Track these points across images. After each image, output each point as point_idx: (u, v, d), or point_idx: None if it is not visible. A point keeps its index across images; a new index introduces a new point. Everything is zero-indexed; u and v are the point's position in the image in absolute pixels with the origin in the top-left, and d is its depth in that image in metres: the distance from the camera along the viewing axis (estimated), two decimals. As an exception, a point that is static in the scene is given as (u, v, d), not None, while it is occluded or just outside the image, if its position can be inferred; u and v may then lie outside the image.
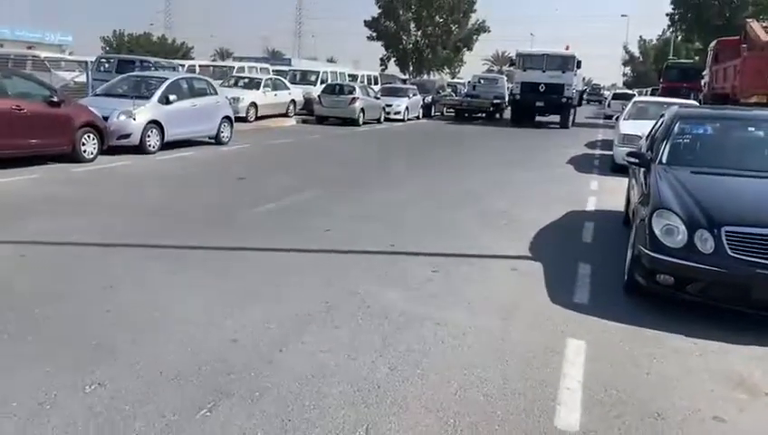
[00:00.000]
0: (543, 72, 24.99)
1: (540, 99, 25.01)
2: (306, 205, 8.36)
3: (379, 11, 48.99)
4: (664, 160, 5.93)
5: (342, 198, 8.94)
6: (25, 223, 6.75)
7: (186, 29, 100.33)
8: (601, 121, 30.72)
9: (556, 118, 25.88)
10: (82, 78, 18.45)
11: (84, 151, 10.76)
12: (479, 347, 4.09)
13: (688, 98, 21.52)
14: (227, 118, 14.78)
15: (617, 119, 16.50)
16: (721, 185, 5.35)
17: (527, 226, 7.49)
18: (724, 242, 4.49)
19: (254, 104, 20.43)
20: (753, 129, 6.47)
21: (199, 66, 26.77)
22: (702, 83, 23.48)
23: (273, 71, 28.26)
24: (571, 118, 26.09)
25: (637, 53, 79.33)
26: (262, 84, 21.59)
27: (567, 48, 26.49)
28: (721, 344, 4.27)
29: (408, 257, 6.11)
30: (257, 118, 20.51)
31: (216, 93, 14.79)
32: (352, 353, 3.89)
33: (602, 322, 4.59)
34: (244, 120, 19.15)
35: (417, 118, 27.41)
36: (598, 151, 17.00)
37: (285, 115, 22.51)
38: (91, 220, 7.02)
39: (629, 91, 41.13)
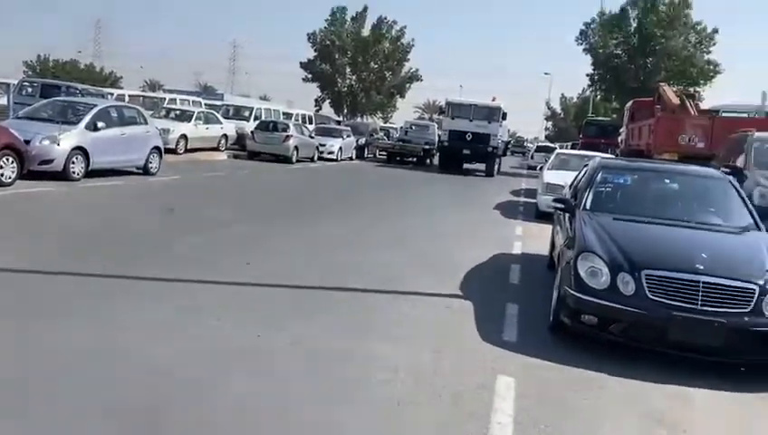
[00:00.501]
0: (471, 121, 25.42)
1: (467, 147, 25.52)
2: (237, 238, 8.23)
3: (315, 54, 49.68)
4: (588, 207, 6.25)
5: (274, 234, 8.86)
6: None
7: (115, 59, 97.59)
8: (525, 172, 31.86)
9: (482, 166, 26.44)
10: (3, 100, 17.71)
11: (2, 175, 10.24)
12: (412, 382, 4.12)
13: (606, 153, 22.75)
14: (157, 148, 14.44)
15: (541, 169, 17.20)
16: (641, 231, 5.67)
17: (458, 266, 7.63)
18: (644, 285, 4.75)
19: (184, 136, 20.06)
20: (668, 181, 6.93)
21: (129, 96, 26.14)
22: (619, 140, 24.87)
23: (205, 104, 27.95)
24: (496, 167, 26.64)
25: (558, 109, 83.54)
26: (193, 117, 21.26)
27: (494, 99, 26.73)
28: (643, 383, 4.47)
29: (340, 293, 6.10)
30: (187, 150, 20.13)
31: (147, 123, 14.46)
32: (285, 387, 3.83)
33: (531, 359, 4.72)
34: (173, 151, 18.77)
35: (350, 159, 27.70)
36: (522, 199, 17.60)
37: (216, 149, 22.20)
38: (9, 248, 6.65)
39: (551, 145, 43.01)
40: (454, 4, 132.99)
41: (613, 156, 19.31)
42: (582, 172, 7.76)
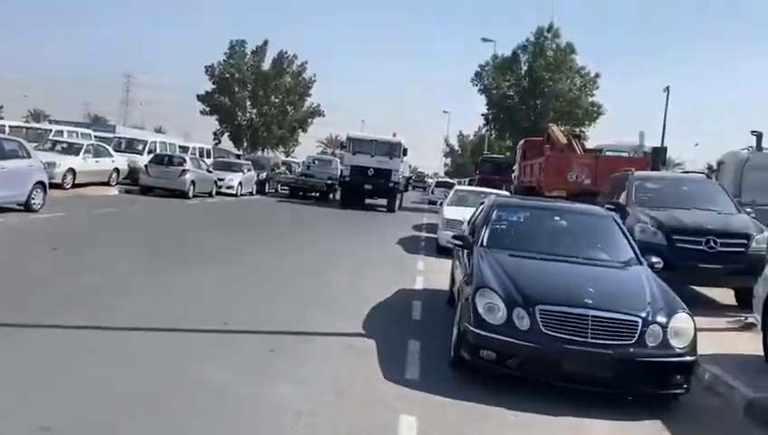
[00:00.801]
0: (372, 156, 25.33)
1: (368, 182, 25.36)
2: (126, 279, 7.81)
3: (214, 86, 48.84)
4: (485, 244, 6.45)
5: (168, 274, 8.47)
6: None
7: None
8: (426, 206, 32.56)
9: (384, 201, 26.31)
10: None
11: None
12: (314, 427, 4.02)
13: (501, 189, 23.71)
14: (41, 183, 13.53)
15: (441, 204, 17.62)
16: (535, 267, 5.91)
17: (361, 304, 7.60)
18: (538, 319, 4.93)
19: (71, 170, 18.96)
20: (558, 218, 7.28)
21: (10, 127, 24.49)
22: (512, 176, 26.04)
23: (95, 137, 26.65)
24: (397, 202, 26.60)
25: (456, 145, 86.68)
26: (82, 150, 20.17)
27: (395, 135, 26.70)
28: (541, 417, 4.61)
29: (244, 336, 5.93)
30: (75, 185, 19.04)
31: (30, 157, 13.54)
32: (181, 438, 3.64)
33: (432, 397, 4.75)
34: (60, 186, 17.70)
35: (251, 193, 27.23)
36: (424, 234, 17.85)
37: (107, 184, 21.14)
38: None
39: (450, 180, 44.48)
40: (354, 40, 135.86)
41: (508, 192, 20.21)
42: (479, 209, 8.01)
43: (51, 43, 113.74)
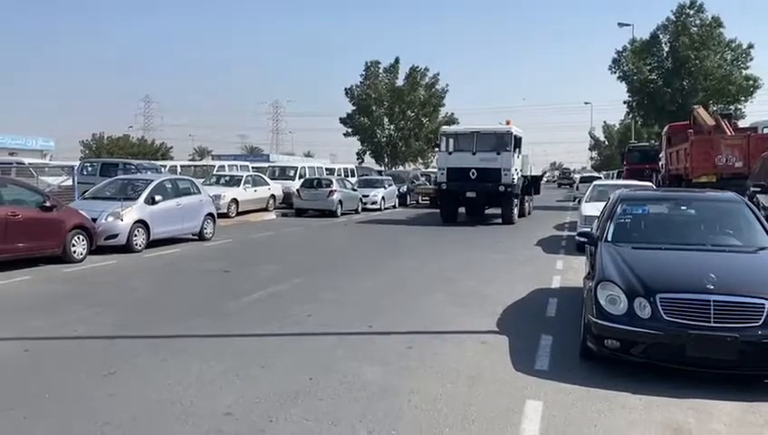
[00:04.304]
0: (474, 154, 19.96)
1: (471, 187, 20.11)
2: (288, 293, 8.89)
3: (354, 108, 51.29)
4: (609, 238, 6.63)
5: (322, 286, 9.46)
6: (26, 320, 7.18)
7: (164, 130, 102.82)
8: (571, 204, 31.73)
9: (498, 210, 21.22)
10: (68, 182, 19.21)
11: (74, 252, 11.26)
12: (448, 411, 4.58)
13: (651, 179, 22.73)
14: (210, 215, 15.43)
15: (579, 201, 17.39)
16: (656, 258, 6.04)
17: (496, 303, 8.06)
18: (659, 307, 5.12)
19: (234, 200, 21.26)
20: (684, 207, 7.27)
21: (180, 166, 27.75)
22: (659, 165, 24.87)
23: (252, 167, 29.35)
24: (515, 210, 20.82)
25: (602, 137, 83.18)
26: (242, 181, 22.52)
27: (508, 123, 20.94)
28: (663, 399, 4.80)
29: (385, 336, 6.63)
30: (239, 213, 21.28)
31: (200, 192, 15.50)
32: (335, 421, 4.36)
33: (559, 384, 5.12)
34: (225, 215, 19.88)
35: (394, 207, 28.45)
36: (565, 233, 17.71)
37: (265, 209, 23.34)
38: (86, 316, 7.45)
39: (596, 174, 42.96)
40: (486, 47, 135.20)
41: (652, 183, 19.43)
42: (606, 204, 8.14)
43: (203, 84, 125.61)
